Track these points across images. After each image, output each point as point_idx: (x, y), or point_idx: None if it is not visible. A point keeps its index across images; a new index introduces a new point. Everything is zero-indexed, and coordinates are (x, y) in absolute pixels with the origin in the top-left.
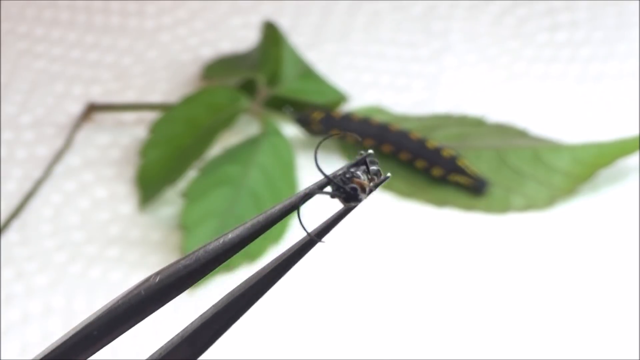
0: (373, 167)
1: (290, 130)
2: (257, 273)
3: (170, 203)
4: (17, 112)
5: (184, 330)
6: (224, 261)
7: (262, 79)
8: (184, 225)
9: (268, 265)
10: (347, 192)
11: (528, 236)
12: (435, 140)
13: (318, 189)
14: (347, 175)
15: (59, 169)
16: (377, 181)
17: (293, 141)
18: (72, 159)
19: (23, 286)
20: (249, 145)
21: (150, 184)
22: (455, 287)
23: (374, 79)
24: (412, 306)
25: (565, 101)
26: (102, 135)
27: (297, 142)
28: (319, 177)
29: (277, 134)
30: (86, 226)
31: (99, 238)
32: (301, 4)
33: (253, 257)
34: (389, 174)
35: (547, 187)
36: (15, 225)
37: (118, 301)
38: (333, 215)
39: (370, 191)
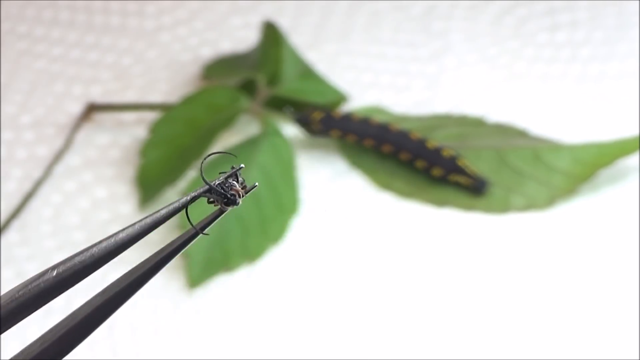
0: (242, 178)
1: (290, 130)
2: (149, 259)
3: None
4: (17, 112)
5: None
6: (115, 257)
7: (262, 79)
8: (184, 225)
9: (162, 250)
10: (228, 197)
11: (528, 236)
12: (435, 140)
13: (202, 193)
14: (226, 185)
15: (59, 169)
16: (247, 189)
17: (293, 141)
18: (72, 159)
19: None
20: (249, 145)
21: (150, 184)
22: (455, 287)
23: (374, 79)
24: (413, 306)
25: (565, 101)
26: (102, 135)
27: (297, 142)
28: (319, 177)
29: (277, 134)
30: (86, 226)
31: (99, 238)
32: (301, 4)
33: (253, 257)
34: (257, 184)
35: (547, 187)
36: (15, 225)
37: (19, 292)
38: (213, 213)
39: (242, 197)
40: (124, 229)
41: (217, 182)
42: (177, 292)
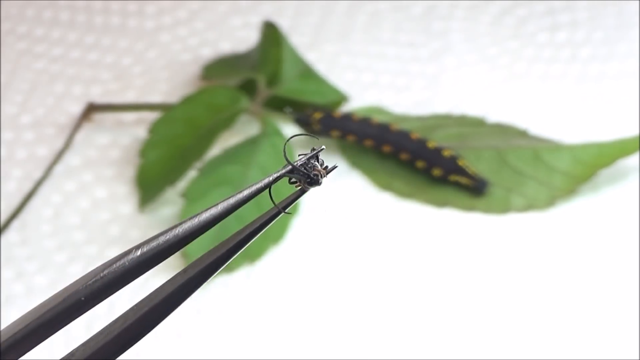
0: (322, 159)
1: (290, 130)
2: (238, 232)
3: (170, 203)
4: (17, 112)
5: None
6: (197, 237)
7: (262, 79)
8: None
9: (247, 226)
10: (311, 177)
11: (528, 236)
12: (435, 140)
13: (285, 174)
14: (309, 165)
15: (59, 169)
16: (329, 170)
17: (293, 141)
18: (72, 159)
19: (23, 286)
20: (249, 145)
21: (150, 184)
22: (455, 287)
23: (374, 79)
24: (413, 306)
25: (565, 101)
26: (102, 135)
27: (297, 142)
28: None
29: (277, 134)
30: (86, 226)
31: (99, 238)
32: (301, 4)
33: (253, 258)
34: (336, 165)
35: (547, 187)
36: (15, 225)
37: (103, 271)
38: (295, 193)
39: (324, 177)
40: (207, 209)
41: (299, 163)
42: None
